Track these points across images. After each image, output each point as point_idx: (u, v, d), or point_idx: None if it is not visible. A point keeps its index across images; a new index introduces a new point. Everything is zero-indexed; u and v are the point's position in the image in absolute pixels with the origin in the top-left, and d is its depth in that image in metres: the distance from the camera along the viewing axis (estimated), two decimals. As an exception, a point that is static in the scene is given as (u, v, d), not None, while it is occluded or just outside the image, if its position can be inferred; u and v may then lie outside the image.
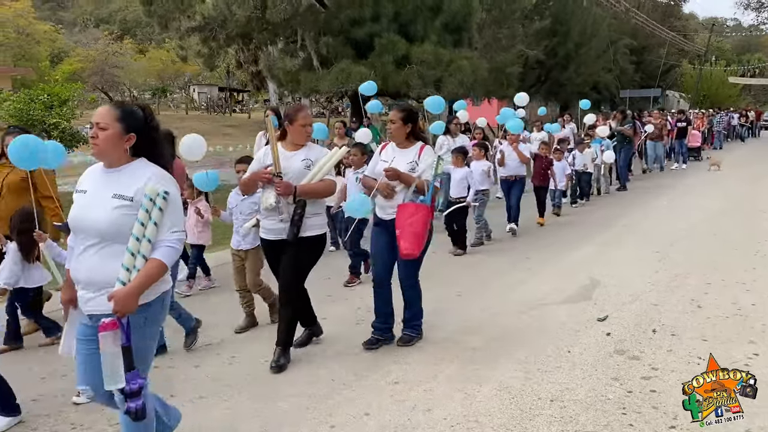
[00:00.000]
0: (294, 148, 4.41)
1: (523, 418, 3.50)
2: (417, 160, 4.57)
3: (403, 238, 4.37)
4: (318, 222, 4.41)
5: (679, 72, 46.98)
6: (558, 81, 28.03)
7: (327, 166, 4.37)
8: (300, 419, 3.61)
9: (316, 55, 17.18)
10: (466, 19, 17.28)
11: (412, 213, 4.41)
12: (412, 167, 4.55)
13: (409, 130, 4.64)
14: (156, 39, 46.90)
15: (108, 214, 2.65)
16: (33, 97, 13.17)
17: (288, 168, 4.28)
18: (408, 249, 4.36)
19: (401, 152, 4.65)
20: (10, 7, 33.77)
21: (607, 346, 4.53)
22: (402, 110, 4.67)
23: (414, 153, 4.62)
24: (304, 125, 4.38)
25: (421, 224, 4.38)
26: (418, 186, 4.51)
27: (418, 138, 4.71)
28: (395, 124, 4.62)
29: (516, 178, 9.13)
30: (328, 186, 4.38)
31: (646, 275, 6.45)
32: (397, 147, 4.70)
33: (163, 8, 17.58)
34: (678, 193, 12.93)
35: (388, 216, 4.60)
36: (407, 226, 4.37)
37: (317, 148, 4.52)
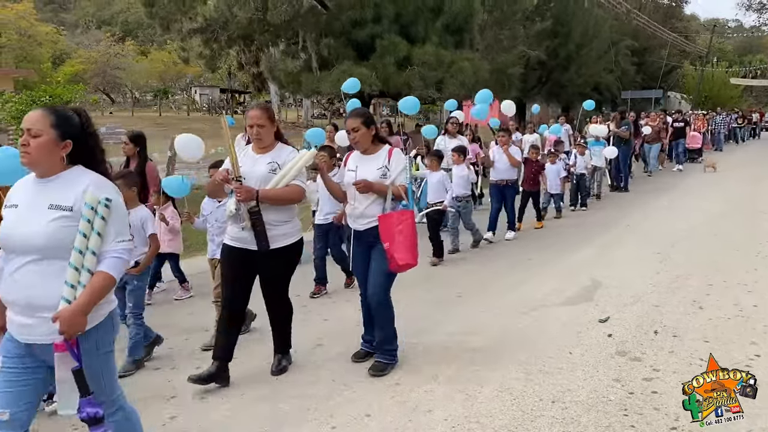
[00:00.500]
0: (262, 150, 4.13)
1: (524, 420, 3.50)
2: (387, 165, 4.23)
3: (397, 249, 4.04)
4: (289, 230, 4.12)
5: (681, 73, 46.98)
6: (559, 82, 28.06)
7: (293, 170, 4.06)
8: (301, 420, 3.61)
9: (317, 56, 17.20)
10: (467, 20, 17.30)
11: (398, 221, 4.08)
12: (383, 173, 4.21)
13: (373, 134, 4.30)
14: (158, 40, 46.93)
15: (45, 228, 2.42)
16: (35, 99, 13.20)
17: (252, 172, 4.02)
18: (405, 259, 4.06)
19: (368, 159, 4.30)
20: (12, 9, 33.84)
21: (608, 348, 4.53)
22: (359, 115, 4.31)
23: (383, 158, 4.27)
24: (251, 126, 4.06)
25: (411, 230, 4.10)
26: (395, 193, 4.20)
27: (383, 141, 4.40)
28: (358, 131, 4.22)
29: (507, 183, 8.80)
30: (293, 192, 4.06)
31: (648, 276, 6.44)
32: (362, 154, 4.34)
33: (165, 10, 17.64)
34: (678, 194, 12.91)
35: (361, 226, 4.28)
36: (397, 235, 4.06)
37: (287, 151, 4.16)
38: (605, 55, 30.64)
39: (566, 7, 26.64)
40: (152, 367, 4.57)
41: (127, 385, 4.13)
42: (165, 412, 3.77)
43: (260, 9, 16.75)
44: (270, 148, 4.13)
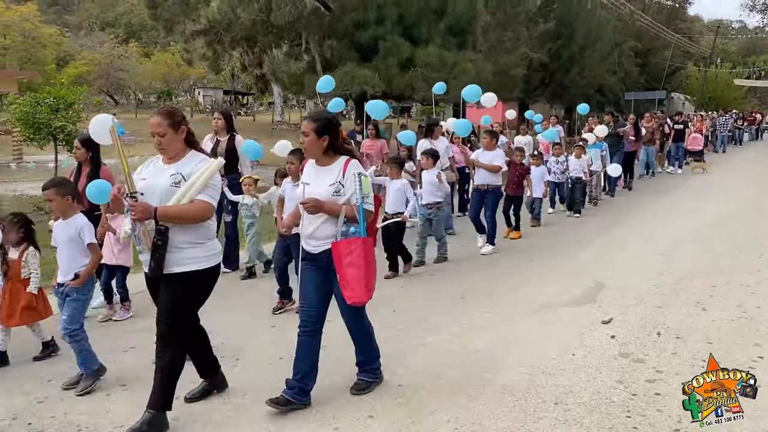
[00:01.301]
0: (169, 161, 3.59)
1: (527, 421, 3.50)
2: (342, 180, 3.71)
3: (346, 285, 3.62)
4: (197, 255, 3.53)
5: (684, 74, 46.96)
6: (562, 83, 28.07)
7: (198, 182, 3.47)
8: (304, 421, 3.62)
9: (321, 58, 17.24)
10: (470, 21, 17.33)
11: (346, 252, 3.61)
12: (336, 189, 3.70)
13: (326, 144, 3.73)
14: (161, 42, 47.11)
15: None
16: (39, 100, 13.23)
17: (154, 185, 3.50)
18: (354, 297, 3.63)
19: (322, 172, 3.79)
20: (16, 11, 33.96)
21: (611, 349, 4.53)
22: (314, 120, 3.76)
23: (337, 171, 3.74)
24: (152, 134, 3.56)
25: (361, 260, 3.60)
26: (348, 214, 3.69)
27: (340, 152, 3.83)
28: (308, 136, 3.72)
29: (489, 188, 7.99)
30: (197, 209, 3.47)
31: (651, 278, 6.44)
32: (317, 165, 3.85)
33: (169, 12, 17.70)
34: (681, 195, 12.89)
35: (314, 248, 3.79)
36: (346, 268, 3.60)
37: (195, 161, 3.58)
38: (608, 57, 30.63)
39: (569, 9, 26.64)
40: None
41: (128, 387, 4.16)
42: (168, 413, 3.77)
43: (264, 11, 16.79)
44: (177, 158, 3.59)
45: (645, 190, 13.86)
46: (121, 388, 4.18)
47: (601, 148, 12.04)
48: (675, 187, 14.06)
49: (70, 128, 13.26)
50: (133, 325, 5.50)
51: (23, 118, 13.02)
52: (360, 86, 16.12)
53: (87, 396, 4.08)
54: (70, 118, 13.48)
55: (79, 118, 13.95)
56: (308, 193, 3.73)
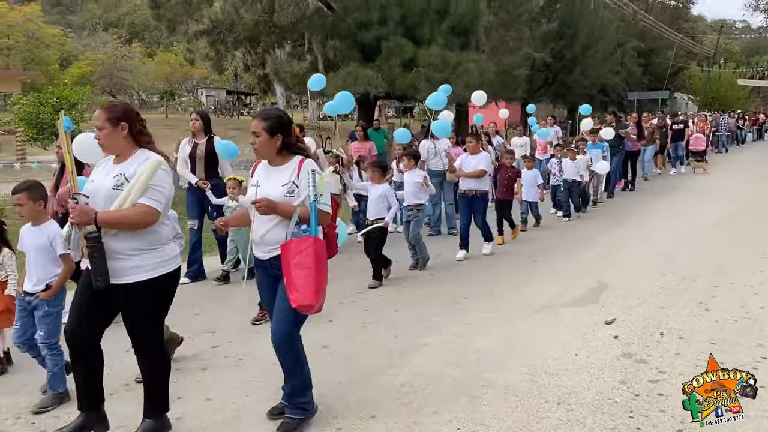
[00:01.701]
0: (116, 160, 3.35)
1: (529, 421, 3.50)
2: (296, 180, 3.48)
3: (292, 287, 3.29)
4: (146, 262, 3.27)
5: (688, 74, 46.90)
6: (565, 83, 28.07)
7: (138, 185, 3.20)
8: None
9: (323, 58, 17.24)
10: (473, 21, 17.31)
11: (296, 251, 3.32)
12: (289, 190, 3.47)
13: (279, 143, 3.51)
14: (164, 42, 47.17)
15: None
16: (42, 101, 13.28)
17: (99, 188, 3.26)
18: (301, 300, 3.27)
19: (275, 172, 3.57)
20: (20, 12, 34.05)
21: (614, 349, 4.52)
22: (266, 118, 3.52)
23: (291, 171, 3.52)
24: (96, 129, 3.35)
25: (311, 260, 3.30)
26: (302, 215, 3.44)
27: (293, 151, 3.60)
28: (259, 136, 3.48)
29: (476, 194, 7.77)
30: (138, 213, 3.19)
31: (654, 278, 6.43)
32: (269, 165, 3.62)
33: (172, 12, 17.71)
34: (682, 196, 12.87)
35: (264, 254, 3.56)
36: (294, 268, 3.30)
37: (140, 159, 3.30)
38: (611, 57, 30.62)
39: (572, 9, 26.64)
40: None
41: (130, 387, 4.17)
42: (172, 412, 3.77)
43: (266, 11, 16.80)
44: (124, 158, 3.33)
45: (646, 190, 13.85)
46: (123, 388, 4.18)
47: (602, 148, 11.84)
48: (676, 188, 14.03)
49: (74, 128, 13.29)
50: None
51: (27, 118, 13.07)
52: (363, 86, 16.12)
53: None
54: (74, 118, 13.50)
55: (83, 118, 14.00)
56: (260, 194, 3.51)
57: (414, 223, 7.29)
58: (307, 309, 3.34)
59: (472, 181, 7.73)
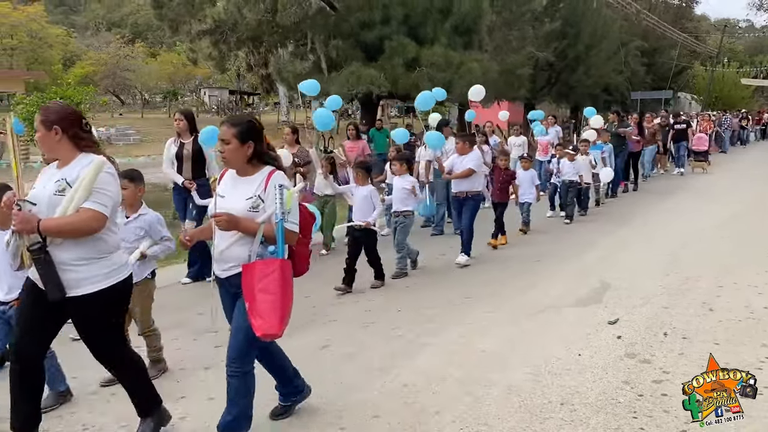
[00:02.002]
0: (60, 164, 3.16)
1: (533, 421, 3.49)
2: (262, 194, 3.19)
3: (255, 312, 3.05)
4: (95, 273, 3.07)
5: (691, 74, 46.76)
6: (568, 83, 28.02)
7: (81, 189, 3.00)
8: (309, 422, 3.62)
9: (326, 58, 17.25)
10: (476, 21, 17.30)
11: (261, 275, 3.06)
12: (254, 204, 3.18)
13: (251, 152, 3.24)
14: (167, 42, 47.20)
15: None
16: (46, 101, 13.28)
17: (41, 195, 3.07)
18: (266, 328, 3.03)
19: (241, 183, 3.28)
20: (24, 12, 34.13)
21: (617, 350, 4.51)
22: (236, 124, 3.25)
23: (257, 183, 3.23)
24: None
25: (278, 286, 3.05)
26: (266, 233, 3.16)
27: (264, 160, 3.31)
28: (229, 144, 3.21)
29: (468, 195, 7.48)
30: (81, 220, 2.99)
31: (657, 278, 6.41)
32: (236, 175, 3.33)
33: (174, 12, 17.74)
34: (685, 196, 12.83)
35: (223, 272, 3.30)
36: (258, 294, 3.05)
37: (83, 163, 3.09)
38: (615, 56, 30.55)
39: (575, 8, 26.59)
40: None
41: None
42: (174, 412, 3.78)
43: (269, 11, 16.82)
44: (66, 162, 3.13)
45: (649, 191, 13.80)
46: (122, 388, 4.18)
47: (602, 149, 11.59)
48: (678, 188, 13.98)
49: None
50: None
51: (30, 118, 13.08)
52: (366, 86, 16.12)
53: (92, 395, 4.08)
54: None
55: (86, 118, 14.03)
56: (222, 207, 3.23)
57: (400, 231, 6.99)
58: (272, 337, 3.14)
59: (463, 183, 7.46)
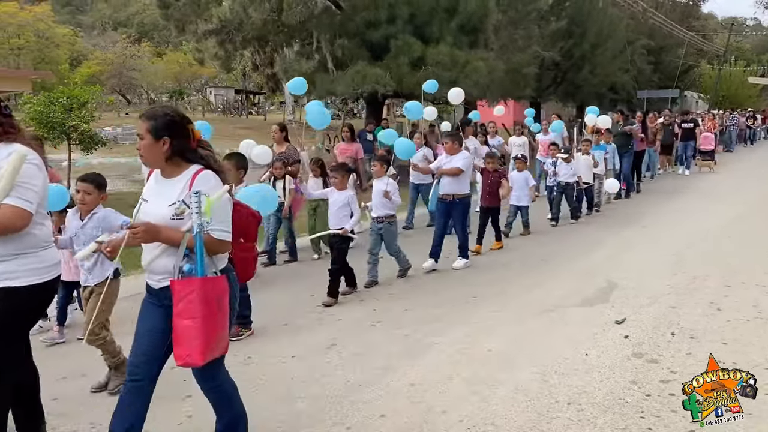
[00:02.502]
0: None
1: (540, 421, 3.48)
2: (187, 199, 2.82)
3: (176, 340, 2.76)
4: (12, 269, 2.88)
5: (698, 72, 46.55)
6: (574, 82, 27.92)
7: (2, 184, 2.80)
8: (316, 420, 3.62)
9: (332, 57, 17.24)
10: (482, 20, 17.24)
11: (179, 297, 2.74)
12: (177, 211, 2.83)
13: (167, 148, 2.86)
14: (173, 42, 47.33)
15: None
16: (53, 100, 13.30)
17: None
18: (185, 357, 2.75)
19: (166, 186, 2.92)
20: (31, 12, 34.26)
21: (624, 349, 4.49)
22: (150, 117, 2.88)
23: (182, 186, 2.87)
24: None
25: (197, 308, 2.71)
26: (191, 245, 2.80)
27: (190, 159, 2.94)
28: (143, 139, 2.87)
29: (455, 198, 7.15)
30: (6, 216, 2.79)
31: (664, 278, 6.39)
32: (161, 176, 2.97)
33: (181, 12, 17.76)
34: (691, 197, 12.77)
35: (156, 283, 2.95)
36: (176, 319, 2.75)
37: (2, 154, 2.88)
38: (621, 55, 30.43)
39: (581, 7, 26.48)
40: (168, 366, 4.58)
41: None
42: (181, 411, 3.80)
43: (275, 10, 16.81)
44: None
45: (654, 191, 13.69)
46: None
47: (604, 150, 11.25)
48: (684, 188, 13.90)
49: (84, 128, 13.36)
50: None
51: (37, 117, 13.10)
52: (371, 85, 16.10)
53: (98, 394, 4.10)
54: (84, 117, 13.55)
55: (92, 117, 14.04)
56: (145, 212, 2.90)
57: (387, 236, 6.64)
58: (192, 365, 2.82)
59: (450, 184, 7.14)
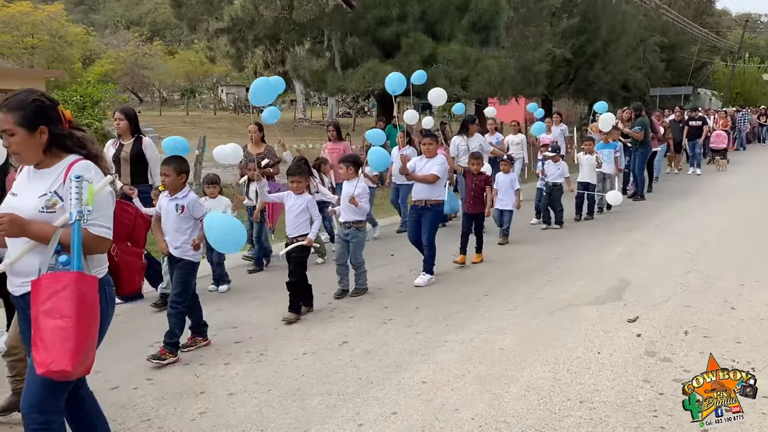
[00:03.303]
0: None
1: (552, 420, 3.48)
2: (59, 190, 2.56)
3: (37, 345, 2.35)
4: None
5: (712, 69, 46.13)
6: (586, 79, 27.75)
7: None
8: (328, 417, 3.63)
9: (342, 55, 17.26)
10: (493, 17, 17.19)
11: (47, 293, 2.36)
12: (48, 203, 2.56)
13: (46, 138, 2.58)
14: (185, 40, 47.59)
15: None
16: (66, 99, 13.44)
17: None
18: (50, 363, 2.31)
19: (37, 177, 2.64)
20: (44, 11, 34.49)
21: (637, 348, 4.47)
22: (17, 107, 2.54)
23: (55, 176, 2.60)
24: None
25: (71, 307, 2.34)
26: (64, 240, 2.50)
27: (68, 147, 2.66)
28: (14, 135, 2.54)
29: (427, 204, 6.55)
30: None
31: (677, 276, 6.35)
32: (33, 168, 2.67)
33: (193, 10, 17.84)
34: (706, 194, 12.69)
35: (16, 289, 2.65)
36: (42, 317, 2.35)
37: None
38: (633, 52, 30.22)
39: (593, 4, 26.31)
40: (181, 363, 4.62)
41: (154, 381, 4.22)
42: (194, 407, 3.82)
43: (286, 8, 16.87)
44: None
45: (666, 190, 13.52)
46: (147, 382, 4.23)
47: (615, 147, 10.55)
48: (696, 187, 13.78)
49: (97, 125, 13.48)
50: (157, 320, 5.56)
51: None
52: (382, 83, 16.11)
53: (114, 390, 4.13)
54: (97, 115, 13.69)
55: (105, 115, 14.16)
56: (7, 206, 2.61)
57: (354, 245, 6.13)
58: (60, 376, 2.35)
59: (423, 189, 6.56)
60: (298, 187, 5.77)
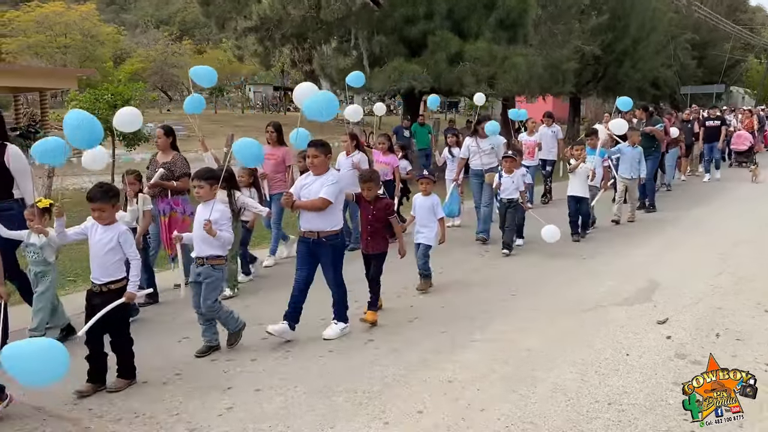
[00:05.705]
0: None
1: (579, 421, 3.44)
2: None
3: None
4: None
5: (745, 67, 45.20)
6: (615, 77, 27.40)
7: None
8: (354, 414, 3.65)
9: (369, 53, 17.28)
10: (521, 15, 17.04)
11: None
12: None
13: None
14: (213, 39, 48.02)
15: None
16: (98, 97, 13.60)
17: None
18: None
19: None
20: (77, 11, 35.12)
21: (667, 350, 4.41)
22: None
23: None
24: None
25: None
26: None
27: None
28: None
29: (322, 237, 4.95)
30: None
31: (708, 278, 6.24)
32: None
33: (221, 9, 18.01)
34: (735, 196, 12.42)
35: None
36: None
37: None
38: (663, 50, 29.76)
39: (623, 1, 25.95)
40: (209, 358, 4.67)
41: (182, 375, 4.27)
42: (222, 402, 3.87)
43: (314, 7, 16.92)
44: None
45: (693, 192, 13.11)
46: (176, 377, 4.29)
47: (603, 155, 9.36)
48: (723, 189, 13.30)
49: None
50: (183, 317, 5.62)
51: (83, 114, 13.48)
52: (408, 81, 16.08)
53: (144, 384, 4.19)
54: (128, 113, 13.88)
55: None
56: None
57: (206, 287, 4.68)
58: None
59: (314, 219, 4.92)
60: (203, 194, 4.72)
